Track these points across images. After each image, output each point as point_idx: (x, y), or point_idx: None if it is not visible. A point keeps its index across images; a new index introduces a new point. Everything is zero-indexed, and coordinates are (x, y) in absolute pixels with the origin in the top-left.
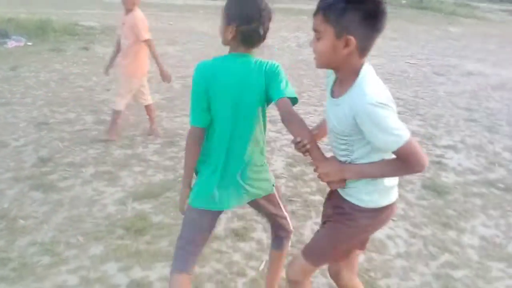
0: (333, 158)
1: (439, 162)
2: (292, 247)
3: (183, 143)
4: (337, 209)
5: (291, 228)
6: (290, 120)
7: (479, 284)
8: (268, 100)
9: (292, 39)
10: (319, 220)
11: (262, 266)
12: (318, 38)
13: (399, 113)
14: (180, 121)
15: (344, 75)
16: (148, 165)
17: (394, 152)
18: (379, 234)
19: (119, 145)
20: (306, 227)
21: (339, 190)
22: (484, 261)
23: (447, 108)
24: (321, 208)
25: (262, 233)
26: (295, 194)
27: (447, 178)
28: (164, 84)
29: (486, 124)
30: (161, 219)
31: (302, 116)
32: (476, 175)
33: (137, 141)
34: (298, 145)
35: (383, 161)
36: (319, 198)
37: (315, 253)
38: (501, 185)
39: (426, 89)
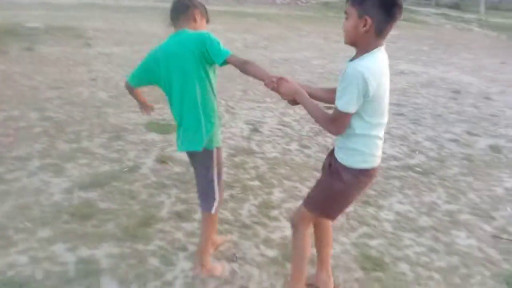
0: (294, 82)
1: None
2: (231, 225)
3: (129, 137)
4: (330, 166)
5: (216, 195)
6: (249, 68)
7: (391, 251)
8: (210, 63)
9: (239, 40)
10: (256, 202)
11: None
12: (346, 18)
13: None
14: (127, 117)
15: (360, 49)
16: (94, 157)
17: (334, 109)
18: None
19: (65, 139)
20: (244, 208)
21: (334, 152)
22: (398, 232)
23: None
24: (259, 192)
25: None
26: (235, 181)
27: None
28: (111, 82)
29: (411, 117)
30: (107, 205)
31: (246, 111)
32: (397, 161)
33: (83, 135)
34: (268, 84)
35: (320, 108)
36: (257, 184)
37: (312, 201)
38: (419, 169)
39: None
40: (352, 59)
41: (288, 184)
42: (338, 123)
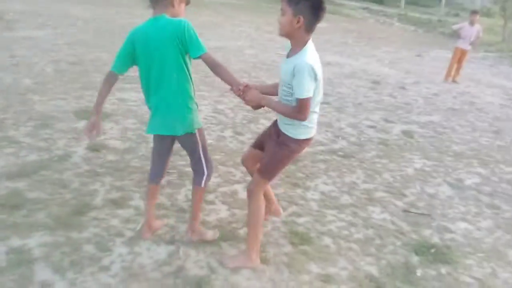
0: (256, 91)
1: None
2: (168, 210)
3: (58, 125)
4: (278, 138)
5: (205, 170)
6: (220, 71)
7: (317, 226)
8: (186, 52)
9: None
10: (191, 187)
11: (138, 227)
12: (282, 14)
13: None
14: (54, 104)
15: (295, 44)
16: (21, 147)
17: (298, 100)
18: (243, 195)
19: None
20: (180, 193)
21: (279, 126)
22: (322, 210)
23: None
24: None
25: (139, 201)
26: (171, 167)
27: None
28: (35, 68)
29: (336, 106)
30: (37, 195)
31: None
32: (323, 146)
33: (7, 124)
34: (235, 91)
35: (285, 104)
36: None
37: (266, 170)
38: (341, 153)
39: None
40: (289, 56)
41: (223, 169)
42: (304, 109)
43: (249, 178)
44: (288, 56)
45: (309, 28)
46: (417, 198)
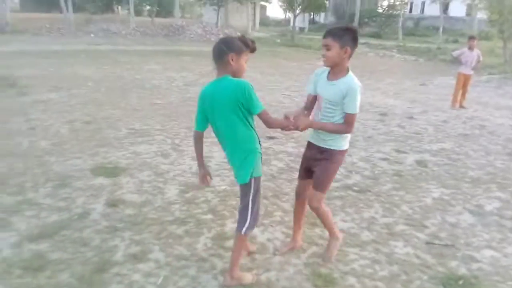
0: (303, 116)
1: None
2: (188, 261)
3: (75, 183)
4: (323, 154)
5: (248, 218)
6: (271, 122)
7: (339, 266)
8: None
9: (179, 78)
10: (210, 235)
11: (160, 281)
12: (328, 49)
13: (276, 137)
14: (71, 164)
15: (339, 70)
16: (41, 208)
17: (346, 116)
18: (261, 238)
19: (8, 192)
20: (199, 242)
21: (318, 144)
22: (343, 248)
23: None
24: (212, 225)
25: (158, 253)
26: (188, 216)
27: None
28: (50, 130)
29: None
30: (59, 255)
31: (192, 147)
32: (337, 182)
33: (27, 187)
34: (289, 129)
35: (332, 123)
36: (210, 217)
37: (323, 185)
38: (356, 188)
39: None
40: (331, 79)
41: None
42: (352, 123)
43: (266, 220)
44: (329, 79)
45: (351, 55)
46: (438, 228)
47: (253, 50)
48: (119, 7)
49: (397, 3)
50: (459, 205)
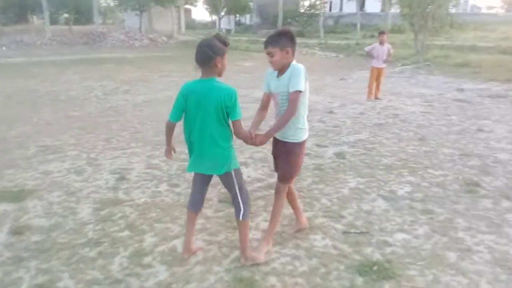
0: (261, 134)
1: None
2: (100, 285)
3: None
4: (284, 147)
5: (241, 206)
6: (239, 135)
7: (261, 267)
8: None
9: (98, 88)
10: (127, 253)
11: None
12: (272, 56)
13: None
14: None
15: (285, 68)
16: None
17: (290, 94)
18: (181, 249)
19: None
20: (114, 262)
21: (280, 138)
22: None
23: None
24: (130, 242)
25: (68, 280)
26: (103, 236)
27: None
28: None
29: (270, 140)
30: None
31: (111, 160)
32: (260, 182)
33: None
34: (249, 143)
35: (278, 120)
36: (127, 234)
37: (285, 178)
38: None
39: None
40: (279, 76)
41: (159, 227)
42: (294, 103)
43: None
44: (278, 76)
45: (294, 53)
46: (354, 217)
47: (228, 43)
48: (34, 17)
49: (317, 2)
50: (374, 192)
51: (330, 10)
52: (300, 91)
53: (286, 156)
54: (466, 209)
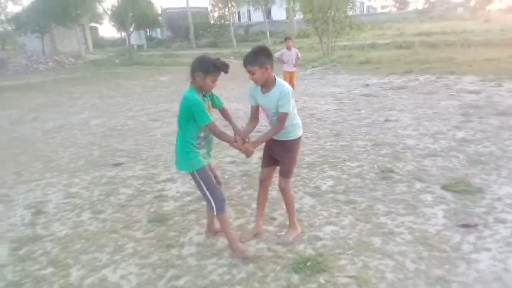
0: (249, 144)
1: (160, 196)
2: None
3: None
4: (282, 146)
5: (213, 204)
6: (219, 136)
7: (198, 282)
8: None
9: (2, 118)
10: None
11: None
12: (252, 74)
13: (123, 163)
14: None
15: (269, 83)
16: None
17: (278, 114)
18: (113, 277)
19: None
20: None
21: (276, 138)
22: (201, 262)
23: (164, 147)
24: (54, 279)
25: None
26: (24, 277)
27: (168, 206)
28: None
29: None
30: None
31: (24, 195)
32: (190, 196)
33: None
34: (235, 146)
35: (268, 131)
36: (51, 270)
37: (288, 171)
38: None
39: (145, 136)
40: (265, 92)
41: (85, 258)
42: (283, 121)
43: (117, 256)
44: (263, 92)
45: (272, 68)
46: (285, 218)
47: (225, 71)
48: None
49: (226, 13)
50: (300, 190)
51: (239, 20)
52: (288, 113)
53: (287, 153)
54: (384, 195)
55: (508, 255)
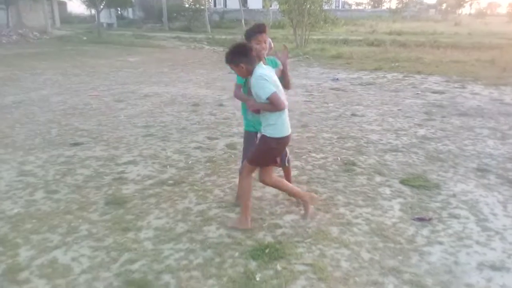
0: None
1: (120, 178)
2: None
3: None
4: (260, 139)
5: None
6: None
7: (154, 266)
8: None
9: None
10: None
11: None
12: (235, 71)
13: (83, 143)
14: None
15: (249, 75)
16: None
17: (267, 99)
18: (64, 259)
19: None
20: None
21: (259, 130)
22: (158, 247)
23: (128, 129)
24: (1, 258)
25: None
26: None
27: (128, 189)
28: None
29: (160, 136)
30: None
31: None
32: (151, 179)
33: None
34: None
35: (267, 103)
36: None
37: (251, 159)
38: (171, 182)
39: (108, 116)
40: (250, 86)
41: (36, 238)
42: (275, 102)
43: (69, 238)
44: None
45: (250, 63)
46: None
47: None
48: None
49: None
50: None
51: (215, 5)
52: (272, 94)
53: (258, 142)
54: (345, 187)
55: (460, 249)
